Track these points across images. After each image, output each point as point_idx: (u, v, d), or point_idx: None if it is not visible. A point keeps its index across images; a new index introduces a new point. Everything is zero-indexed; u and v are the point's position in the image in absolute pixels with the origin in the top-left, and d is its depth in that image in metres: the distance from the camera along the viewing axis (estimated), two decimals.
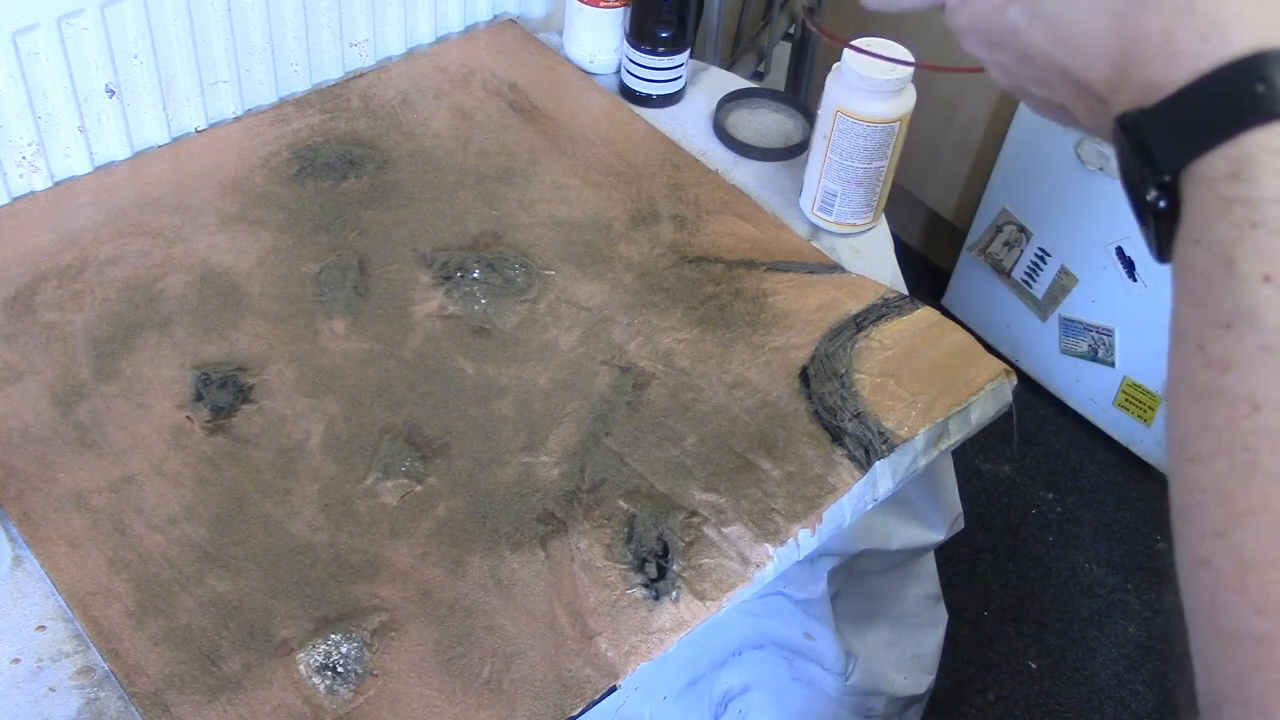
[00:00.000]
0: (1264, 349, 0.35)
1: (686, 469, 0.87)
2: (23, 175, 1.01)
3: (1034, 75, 0.43)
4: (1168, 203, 0.38)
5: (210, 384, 0.89)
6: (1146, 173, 0.38)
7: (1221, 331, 0.35)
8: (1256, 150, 0.36)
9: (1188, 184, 0.37)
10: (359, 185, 1.07)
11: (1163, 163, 0.38)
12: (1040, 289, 1.94)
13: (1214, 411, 0.35)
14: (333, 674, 0.74)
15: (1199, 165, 0.37)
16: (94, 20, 0.97)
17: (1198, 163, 0.37)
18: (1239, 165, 0.36)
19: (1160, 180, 0.38)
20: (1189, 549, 0.36)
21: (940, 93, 2.00)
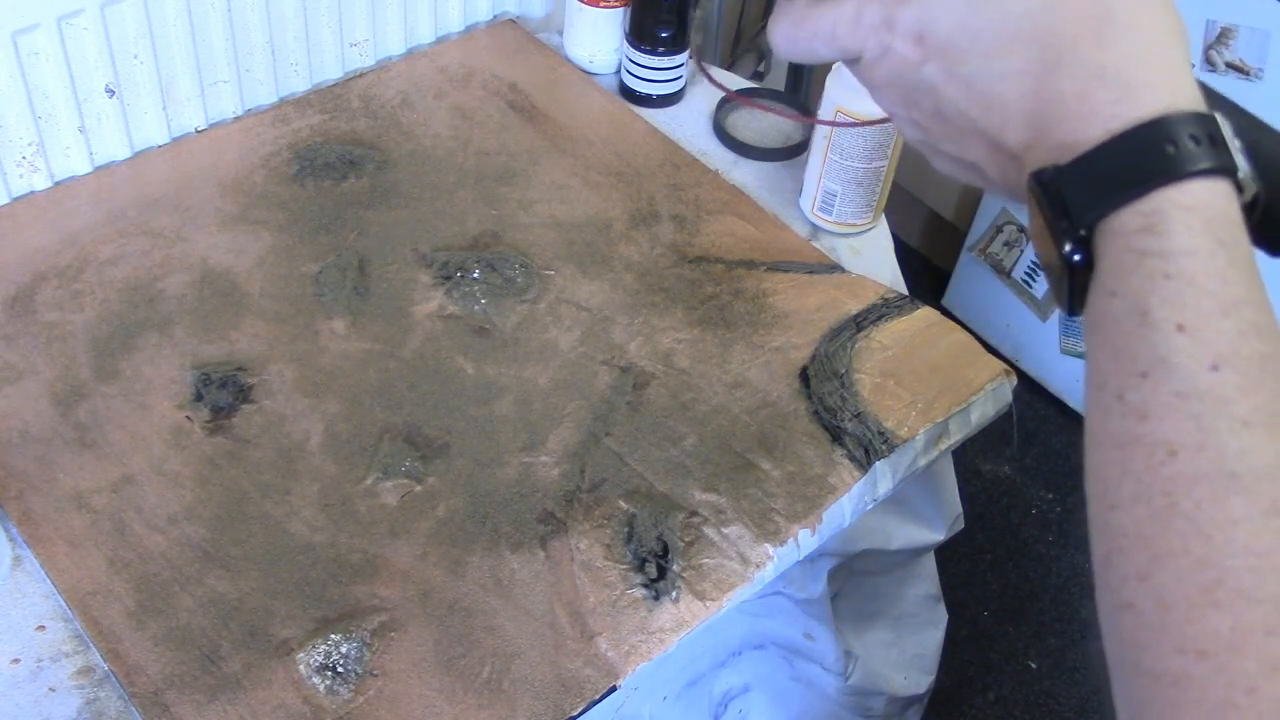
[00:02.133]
0: (1179, 395, 0.36)
1: (686, 469, 0.87)
2: (23, 175, 1.01)
3: (948, 132, 0.44)
4: (1083, 256, 0.39)
5: (210, 384, 0.89)
6: (1063, 227, 0.39)
7: (1138, 380, 0.37)
8: (1168, 206, 0.37)
9: (1102, 238, 0.39)
10: (359, 185, 1.07)
11: (1079, 217, 0.39)
12: (1040, 289, 1.94)
13: (1133, 458, 0.37)
14: (333, 674, 0.74)
15: (1113, 220, 0.38)
16: (94, 20, 0.97)
17: (1112, 218, 0.38)
18: (1151, 220, 0.37)
19: (1076, 235, 0.39)
20: (1112, 593, 0.37)
21: None
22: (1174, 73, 0.39)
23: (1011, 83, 0.40)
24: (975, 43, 0.40)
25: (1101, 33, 0.38)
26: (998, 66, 0.40)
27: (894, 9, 0.42)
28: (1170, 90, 0.38)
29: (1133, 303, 0.37)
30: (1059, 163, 0.40)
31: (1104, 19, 0.38)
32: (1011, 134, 0.41)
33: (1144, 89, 0.38)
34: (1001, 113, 0.41)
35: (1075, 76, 0.39)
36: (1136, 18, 0.39)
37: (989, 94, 0.41)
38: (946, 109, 0.43)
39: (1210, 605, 0.34)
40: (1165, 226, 0.37)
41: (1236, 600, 0.34)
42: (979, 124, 0.42)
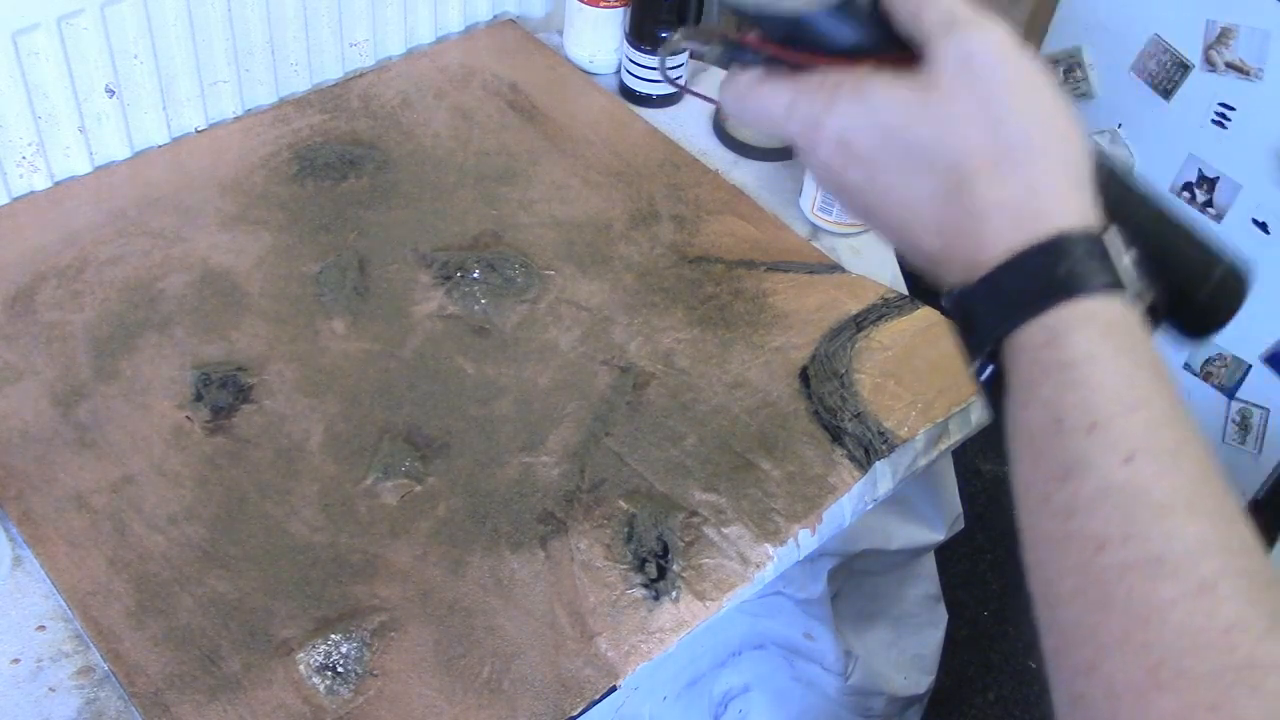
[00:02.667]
0: (1099, 491, 0.39)
1: (686, 469, 0.87)
2: (23, 175, 1.01)
3: (875, 225, 0.47)
4: (993, 370, 0.43)
5: (210, 384, 0.89)
6: (973, 343, 0.43)
7: (1060, 482, 0.40)
8: (1067, 320, 0.41)
9: (1010, 353, 0.42)
10: (359, 185, 1.07)
11: (986, 334, 0.42)
12: None
13: (1066, 556, 0.39)
14: (333, 674, 0.74)
15: (1018, 335, 0.41)
16: (94, 20, 0.97)
17: (1017, 333, 0.41)
18: (1053, 334, 0.41)
19: (984, 350, 0.43)
20: (1064, 686, 0.39)
21: None
22: (1066, 198, 0.42)
23: (924, 201, 0.43)
24: (890, 161, 0.44)
25: (998, 166, 0.42)
26: (912, 184, 0.43)
27: (821, 112, 0.45)
28: (1063, 215, 0.42)
29: (1045, 411, 0.40)
30: (968, 281, 0.43)
31: (1001, 153, 0.42)
32: (925, 244, 0.45)
33: (1038, 216, 0.42)
34: (917, 224, 0.44)
35: (975, 204, 0.42)
36: (1032, 152, 0.42)
37: (905, 207, 0.44)
38: (868, 211, 0.46)
39: (1155, 689, 0.36)
40: (1066, 339, 0.41)
41: (1179, 680, 0.36)
42: (897, 230, 0.46)
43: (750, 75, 0.47)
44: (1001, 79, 0.42)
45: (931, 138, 0.43)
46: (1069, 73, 1.75)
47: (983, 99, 0.42)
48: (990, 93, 0.42)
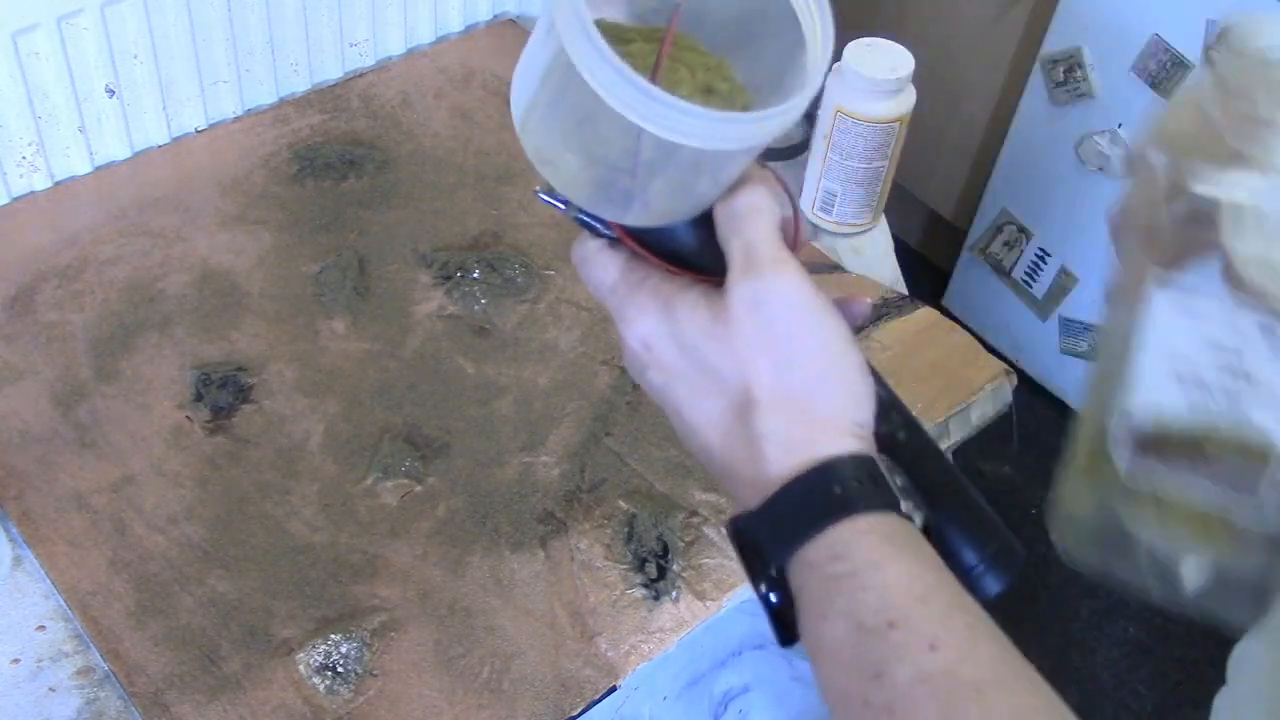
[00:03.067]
0: (914, 680, 0.41)
1: (686, 469, 0.87)
2: (23, 175, 1.01)
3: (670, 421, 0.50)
4: (779, 595, 0.45)
5: (210, 384, 0.89)
6: (758, 568, 0.45)
7: (875, 682, 0.41)
8: (846, 535, 0.43)
9: (798, 572, 0.44)
10: (359, 185, 1.07)
11: (771, 558, 0.45)
12: (1040, 289, 1.94)
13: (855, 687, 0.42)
14: (333, 674, 0.74)
15: (804, 554, 0.44)
16: (94, 20, 0.97)
17: (802, 552, 0.44)
18: (835, 549, 0.43)
19: (769, 575, 0.45)
20: None
21: (940, 93, 2.00)
22: (839, 432, 0.46)
23: (712, 419, 0.47)
24: (686, 374, 0.47)
25: (776, 400, 0.45)
26: (702, 401, 0.47)
27: (635, 312, 0.48)
28: (835, 445, 0.45)
29: (845, 620, 0.42)
30: (749, 507, 0.46)
31: (780, 390, 0.45)
32: (715, 457, 0.48)
33: (810, 445, 0.45)
34: (705, 438, 0.48)
35: (755, 430, 0.45)
36: (809, 391, 0.46)
37: (695, 419, 0.48)
38: (667, 409, 0.49)
39: None
40: (849, 550, 0.43)
41: None
42: (689, 437, 0.49)
43: (596, 242, 0.50)
44: (785, 323, 0.46)
45: (722, 364, 0.46)
46: (1069, 73, 1.75)
47: (768, 338, 0.46)
48: (775, 333, 0.46)
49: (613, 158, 0.46)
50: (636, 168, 0.45)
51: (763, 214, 0.47)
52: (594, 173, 0.47)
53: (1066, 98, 1.77)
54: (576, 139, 0.47)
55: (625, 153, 0.45)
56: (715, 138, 0.43)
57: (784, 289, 0.46)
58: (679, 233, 0.48)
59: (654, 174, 0.45)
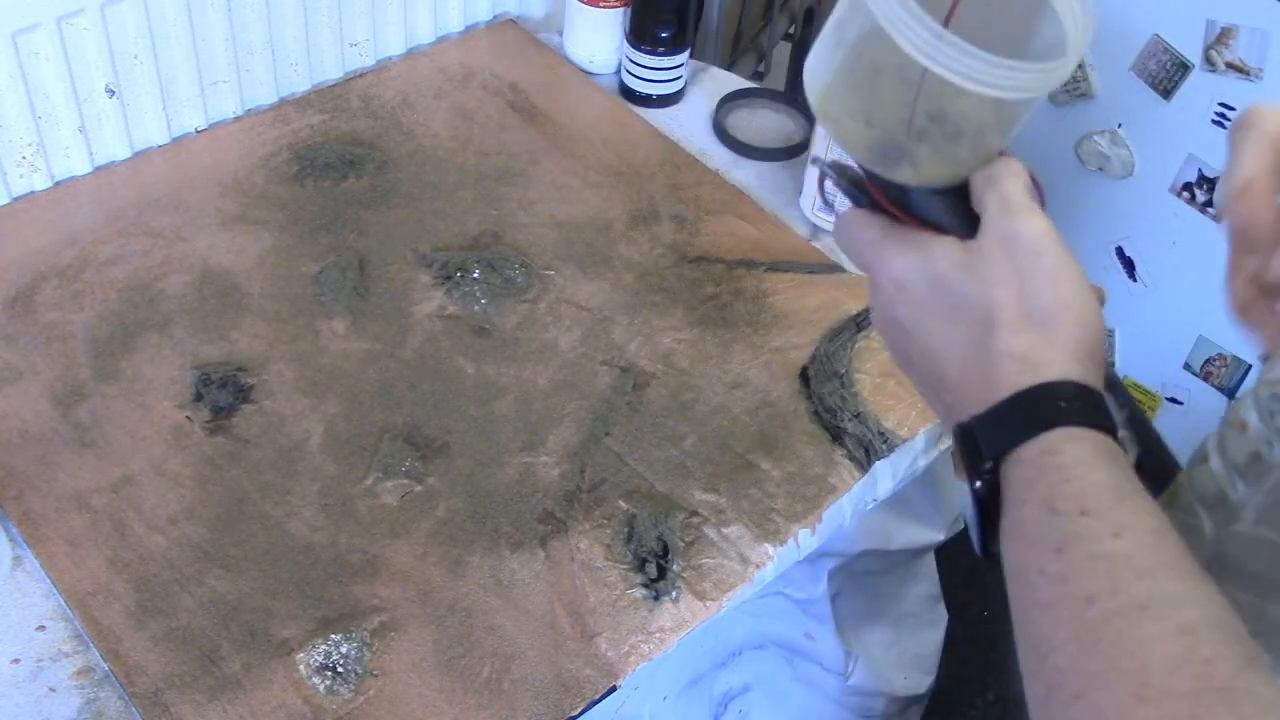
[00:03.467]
0: (1090, 558, 0.44)
1: (686, 469, 0.87)
2: (23, 175, 1.01)
3: (911, 364, 0.56)
4: (988, 489, 0.49)
5: (210, 384, 0.89)
6: (974, 462, 0.50)
7: (1055, 555, 0.45)
8: (1060, 439, 0.48)
9: (1008, 468, 0.48)
10: (359, 185, 1.07)
11: (988, 452, 0.49)
12: None
13: (1059, 614, 0.45)
14: (333, 674, 0.74)
15: (1018, 451, 0.48)
16: (94, 20, 0.97)
17: (1016, 450, 0.48)
18: (1047, 448, 0.48)
19: (983, 469, 0.49)
20: (1056, 717, 0.44)
21: None
22: (1071, 359, 0.50)
23: (954, 342, 0.52)
24: (934, 305, 0.53)
25: (1018, 322, 0.50)
26: (947, 326, 0.52)
27: (893, 254, 0.54)
28: (1066, 369, 0.49)
29: (1041, 504, 0.46)
30: (977, 412, 0.51)
31: (1023, 313, 0.50)
32: (949, 376, 0.52)
33: (1045, 365, 0.49)
34: (944, 360, 0.53)
35: (995, 347, 0.50)
36: (1048, 318, 0.50)
37: (938, 344, 0.53)
38: (909, 342, 0.54)
39: (1139, 703, 0.41)
40: (1059, 450, 0.47)
41: (1162, 697, 0.40)
42: (928, 362, 0.54)
43: (858, 211, 0.56)
44: (1033, 257, 0.51)
45: (971, 291, 0.51)
46: None
47: (1017, 269, 0.51)
48: (1024, 266, 0.51)
49: (894, 115, 0.52)
50: (912, 125, 0.52)
51: (1016, 176, 0.53)
52: (875, 132, 0.53)
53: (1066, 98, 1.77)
54: (865, 97, 0.53)
55: (905, 105, 0.52)
56: (994, 82, 0.49)
57: (1034, 229, 0.51)
58: (935, 201, 0.54)
59: (924, 134, 0.52)
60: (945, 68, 0.49)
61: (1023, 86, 0.50)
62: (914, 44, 0.48)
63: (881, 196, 0.55)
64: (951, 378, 0.52)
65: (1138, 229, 1.77)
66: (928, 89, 0.51)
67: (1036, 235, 0.51)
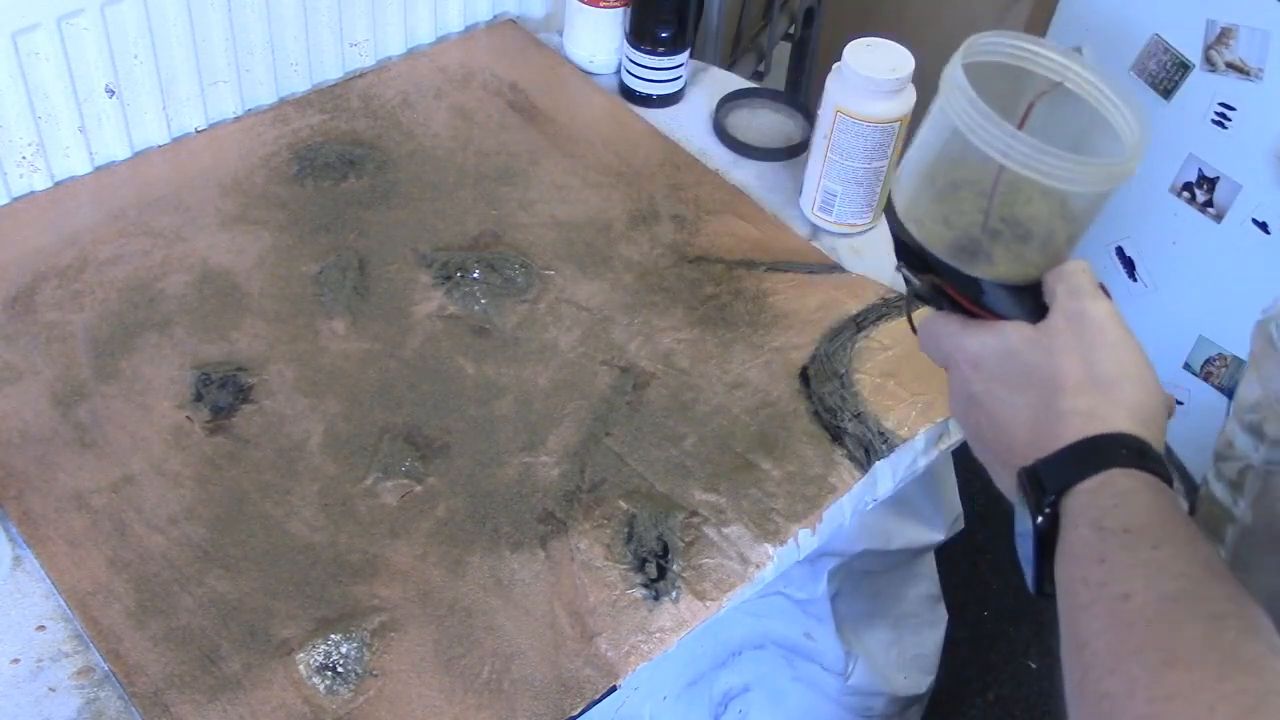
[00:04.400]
0: (1130, 565, 0.48)
1: (686, 469, 0.87)
2: (23, 175, 1.01)
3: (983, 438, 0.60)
4: (1049, 522, 0.53)
5: (210, 384, 0.89)
6: (1037, 497, 0.53)
7: (1098, 565, 0.50)
8: (1116, 475, 0.52)
9: (1068, 499, 0.52)
10: (359, 185, 1.07)
11: (1050, 486, 0.53)
12: None
13: (1098, 609, 0.49)
14: (333, 674, 0.74)
15: (1078, 487, 0.52)
16: (94, 20, 0.97)
17: (1076, 487, 0.52)
18: (1104, 480, 0.52)
19: (1045, 504, 0.53)
20: (1090, 693, 0.48)
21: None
22: (1132, 419, 0.54)
23: (1023, 407, 0.56)
24: (1007, 376, 0.57)
25: (1083, 386, 0.55)
26: (1017, 394, 0.57)
27: (969, 339, 0.60)
28: (1130, 426, 0.54)
29: (1090, 525, 0.51)
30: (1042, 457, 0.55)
31: (1087, 379, 0.55)
32: (1017, 439, 0.57)
33: (1107, 420, 0.54)
34: (1014, 424, 0.57)
35: (1061, 408, 0.55)
36: (1111, 385, 0.55)
37: (1008, 410, 0.57)
38: (981, 411, 0.59)
39: (1168, 668, 0.44)
40: (1114, 483, 0.52)
41: (1192, 663, 0.44)
42: (997, 428, 0.58)
43: (940, 312, 0.63)
44: (1098, 332, 0.56)
45: (1039, 361, 0.56)
46: None
47: (1083, 342, 0.56)
48: (1089, 338, 0.56)
49: (971, 219, 0.59)
50: (986, 225, 0.59)
51: (1084, 271, 0.58)
52: (954, 233, 0.60)
53: None
54: (945, 204, 0.60)
55: (980, 211, 0.59)
56: (1059, 175, 0.55)
57: (1100, 310, 0.57)
58: (1008, 297, 0.60)
59: (998, 235, 0.59)
60: (1017, 162, 0.55)
61: (1085, 179, 0.56)
62: (989, 143, 0.55)
63: (959, 295, 0.61)
64: (1020, 440, 0.56)
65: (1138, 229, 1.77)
66: (1000, 193, 0.58)
67: (1102, 314, 0.56)
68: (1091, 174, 0.56)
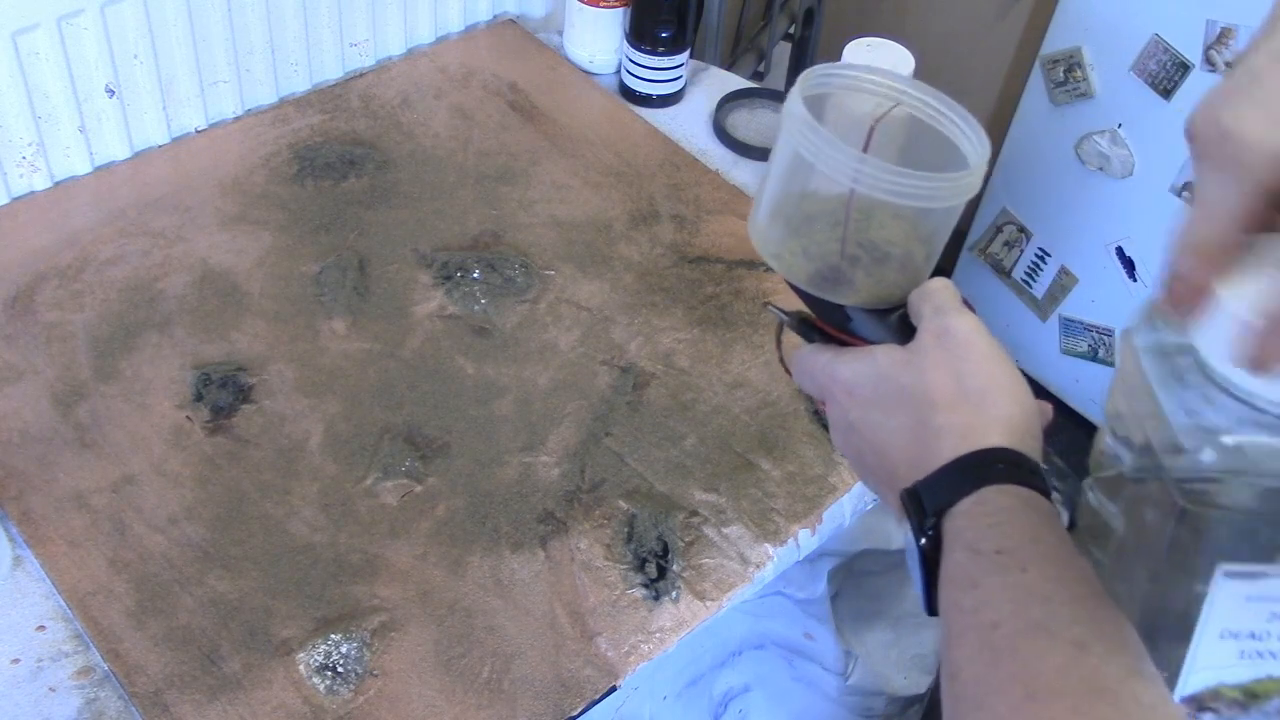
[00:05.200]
0: (1000, 588, 0.49)
1: (686, 469, 0.87)
2: (23, 175, 1.01)
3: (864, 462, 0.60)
4: (932, 545, 0.53)
5: (210, 384, 0.89)
6: (919, 519, 0.54)
7: (970, 590, 0.50)
8: (992, 493, 0.52)
9: (947, 522, 0.53)
10: (359, 185, 1.07)
11: (930, 508, 0.53)
12: (1040, 289, 1.94)
13: (970, 637, 0.49)
14: (333, 674, 0.74)
15: (956, 507, 0.52)
16: (94, 20, 0.97)
17: (954, 507, 0.52)
18: (979, 499, 0.52)
19: (926, 522, 0.53)
20: None
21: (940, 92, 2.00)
22: (1005, 432, 0.54)
23: (900, 429, 0.57)
24: (880, 400, 0.58)
25: (956, 402, 0.55)
26: (892, 417, 0.57)
27: (841, 367, 0.60)
28: (1003, 440, 0.54)
29: (965, 549, 0.51)
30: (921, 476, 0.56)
31: (959, 395, 0.55)
32: (896, 460, 0.57)
33: (981, 436, 0.54)
34: (892, 446, 0.57)
35: (937, 425, 0.55)
36: (983, 398, 0.55)
37: (886, 433, 0.58)
38: (860, 437, 0.59)
39: (1029, 701, 0.45)
40: (988, 501, 0.52)
41: (1050, 696, 0.45)
42: (878, 451, 0.58)
43: (810, 345, 0.63)
44: (966, 347, 0.57)
45: (910, 381, 0.57)
46: (1069, 73, 1.75)
47: (952, 357, 0.56)
48: (958, 354, 0.56)
49: (829, 248, 0.60)
50: (844, 252, 0.60)
51: (946, 287, 0.59)
52: (814, 264, 0.61)
53: (1066, 98, 1.77)
54: (802, 236, 0.61)
55: (836, 240, 0.60)
56: (912, 194, 0.56)
57: (966, 325, 0.57)
58: (876, 322, 0.61)
59: (856, 260, 0.60)
60: (867, 184, 0.56)
61: (935, 195, 0.57)
62: (837, 169, 0.56)
63: (829, 327, 0.62)
64: (900, 462, 0.57)
65: (1138, 229, 1.77)
66: (854, 219, 0.59)
67: (968, 329, 0.57)
68: (940, 189, 0.57)
